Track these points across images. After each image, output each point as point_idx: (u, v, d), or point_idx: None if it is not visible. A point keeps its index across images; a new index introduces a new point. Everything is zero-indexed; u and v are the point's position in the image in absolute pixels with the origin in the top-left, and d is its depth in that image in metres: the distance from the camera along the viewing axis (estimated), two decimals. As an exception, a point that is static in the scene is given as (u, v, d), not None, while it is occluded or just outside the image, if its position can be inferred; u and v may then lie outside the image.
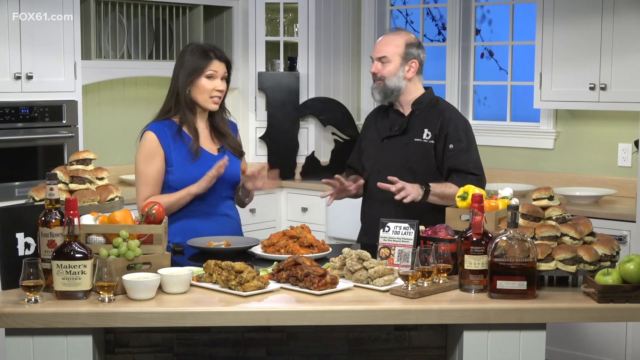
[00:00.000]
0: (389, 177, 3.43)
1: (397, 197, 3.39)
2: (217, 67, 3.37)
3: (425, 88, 3.69)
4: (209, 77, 3.36)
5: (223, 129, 3.46)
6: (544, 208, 2.82)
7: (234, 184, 3.45)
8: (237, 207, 3.58)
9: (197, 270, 2.77)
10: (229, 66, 3.43)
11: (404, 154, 3.58)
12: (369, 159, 3.69)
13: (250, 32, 5.77)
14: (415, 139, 3.58)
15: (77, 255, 2.52)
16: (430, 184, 3.45)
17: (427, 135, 3.56)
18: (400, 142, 3.60)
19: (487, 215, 2.74)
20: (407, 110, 3.63)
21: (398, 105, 3.64)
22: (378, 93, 3.60)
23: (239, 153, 3.50)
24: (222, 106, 3.46)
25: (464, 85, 5.68)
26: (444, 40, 5.88)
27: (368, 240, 3.52)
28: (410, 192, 3.38)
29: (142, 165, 3.37)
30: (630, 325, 4.34)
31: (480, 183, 3.48)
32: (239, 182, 3.47)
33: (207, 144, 3.44)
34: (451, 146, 3.53)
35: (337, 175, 3.63)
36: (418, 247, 2.64)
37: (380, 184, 3.44)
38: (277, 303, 2.55)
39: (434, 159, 3.55)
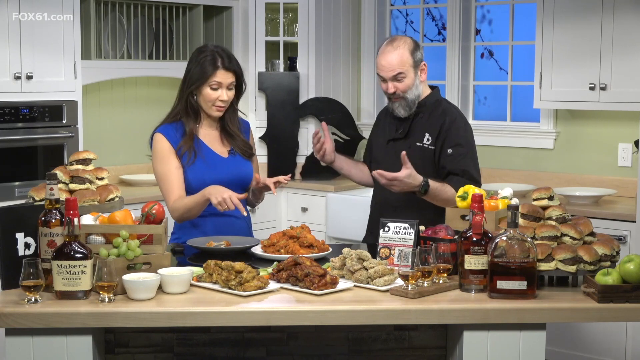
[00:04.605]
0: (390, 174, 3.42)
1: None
2: (221, 77, 3.31)
3: (432, 87, 3.68)
4: (213, 87, 3.32)
5: (233, 131, 3.44)
6: (544, 208, 2.82)
7: (244, 185, 3.43)
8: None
9: (197, 270, 2.77)
10: (238, 75, 3.37)
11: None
12: (377, 161, 3.70)
13: (250, 32, 5.77)
14: (417, 143, 3.57)
15: (77, 255, 2.51)
16: (429, 182, 3.40)
17: (428, 140, 3.56)
18: (404, 145, 3.58)
19: (487, 215, 2.74)
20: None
21: None
22: (402, 109, 3.56)
23: (248, 155, 3.47)
24: (233, 107, 3.44)
25: (464, 85, 5.68)
26: (444, 40, 5.88)
27: (374, 240, 3.52)
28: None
29: (159, 167, 3.35)
30: (630, 325, 4.34)
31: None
32: (249, 184, 3.44)
33: (217, 146, 3.41)
34: (450, 151, 3.51)
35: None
36: (418, 247, 2.64)
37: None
38: (277, 303, 2.55)
39: (433, 164, 3.54)
